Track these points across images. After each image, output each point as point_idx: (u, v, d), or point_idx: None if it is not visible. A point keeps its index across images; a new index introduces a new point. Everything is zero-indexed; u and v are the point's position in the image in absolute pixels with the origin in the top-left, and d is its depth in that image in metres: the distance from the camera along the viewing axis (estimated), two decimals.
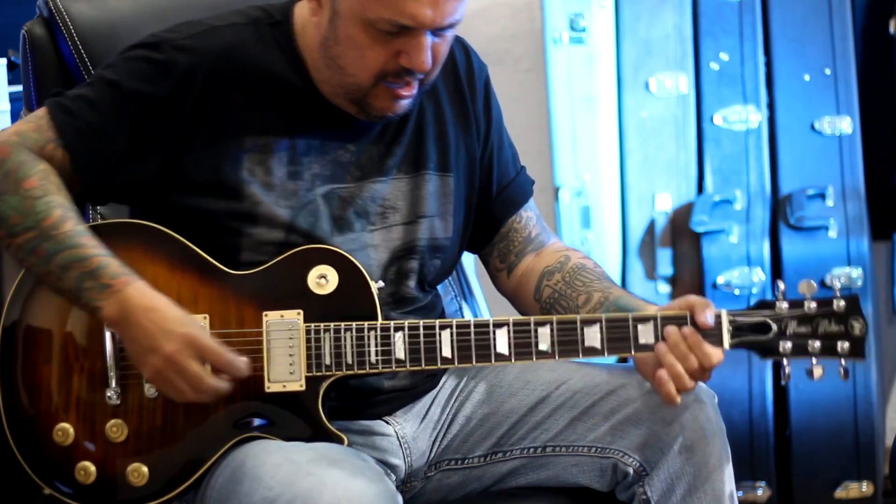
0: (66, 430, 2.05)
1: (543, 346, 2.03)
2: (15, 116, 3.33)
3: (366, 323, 2.03)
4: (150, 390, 2.04)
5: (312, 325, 2.03)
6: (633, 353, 2.04)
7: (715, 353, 2.01)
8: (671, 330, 2.02)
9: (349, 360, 2.03)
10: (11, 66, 3.30)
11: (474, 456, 2.18)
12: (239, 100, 2.08)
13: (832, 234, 3.51)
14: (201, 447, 2.04)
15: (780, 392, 3.52)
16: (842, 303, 2.04)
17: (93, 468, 2.05)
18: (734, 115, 3.62)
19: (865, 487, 3.49)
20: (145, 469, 2.04)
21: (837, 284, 2.05)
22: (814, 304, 2.03)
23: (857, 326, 2.03)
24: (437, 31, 2.01)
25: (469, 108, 2.23)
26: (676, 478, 2.07)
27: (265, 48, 2.11)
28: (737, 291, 3.53)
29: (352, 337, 2.03)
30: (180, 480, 2.04)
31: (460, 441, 2.19)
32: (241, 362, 1.99)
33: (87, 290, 1.99)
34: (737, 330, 2.03)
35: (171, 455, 2.04)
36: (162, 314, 1.97)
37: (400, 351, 2.03)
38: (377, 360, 2.03)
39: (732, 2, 3.62)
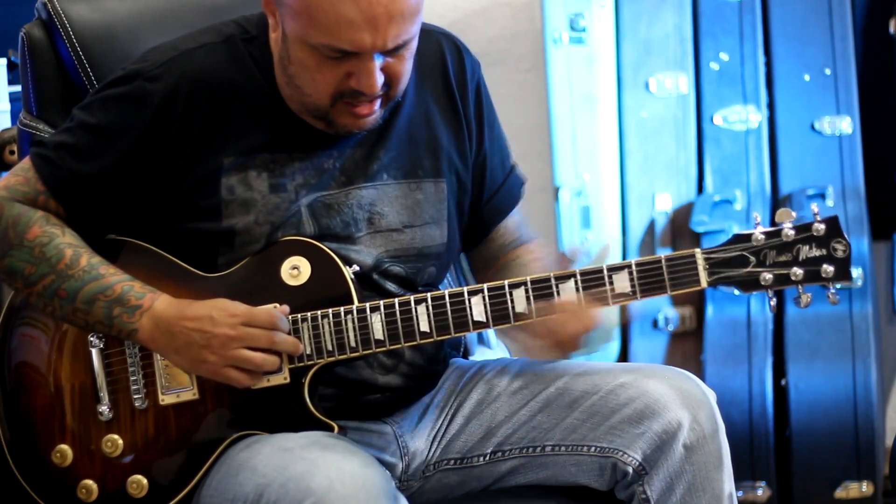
0: (63, 451, 2.07)
1: (520, 307, 2.03)
2: (15, 116, 3.33)
3: (342, 308, 2.03)
4: (140, 402, 2.05)
5: (290, 316, 2.03)
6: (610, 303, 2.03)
7: (594, 316, 2.01)
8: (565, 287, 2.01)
9: (329, 347, 2.03)
10: (11, 66, 3.30)
11: (474, 456, 2.18)
12: (217, 121, 2.07)
13: None
14: (196, 451, 2.04)
15: (780, 392, 3.52)
16: (821, 226, 1.98)
17: (94, 486, 2.06)
18: (734, 115, 3.62)
19: (865, 487, 3.49)
20: (144, 480, 2.05)
21: (816, 209, 2.00)
22: (792, 231, 1.98)
23: (839, 248, 1.98)
24: (387, 52, 1.99)
25: (460, 110, 2.21)
26: (676, 477, 2.07)
27: (239, 66, 2.09)
28: (736, 291, 3.52)
29: (329, 323, 2.03)
30: (180, 487, 2.05)
31: (460, 441, 2.19)
32: (287, 338, 2.01)
33: (117, 318, 2.01)
34: (713, 267, 2.00)
35: (168, 463, 2.05)
36: (198, 320, 2.00)
37: (378, 331, 2.03)
38: (357, 344, 2.03)
39: (732, 2, 3.62)
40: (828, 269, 1.99)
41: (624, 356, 3.68)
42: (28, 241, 2.04)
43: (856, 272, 3.50)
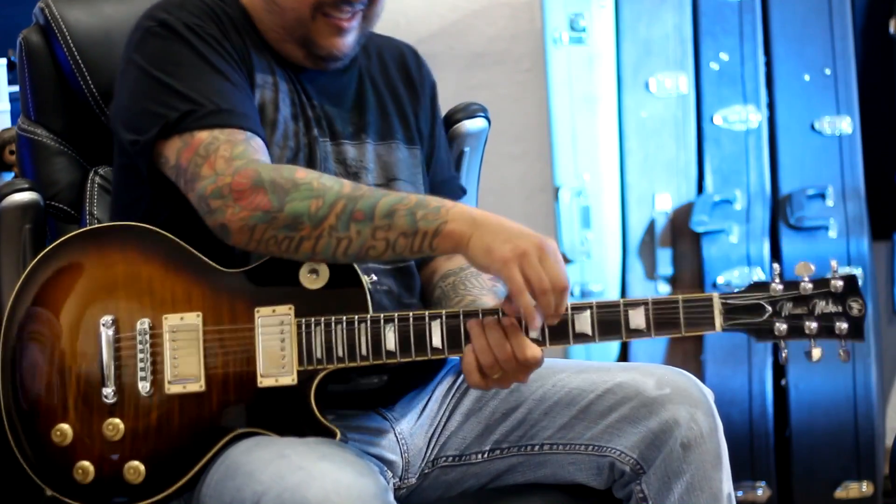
0: (64, 430, 2.06)
1: (533, 333, 2.01)
2: (15, 116, 3.33)
3: (356, 315, 2.03)
4: (145, 389, 2.05)
5: (304, 319, 2.03)
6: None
7: (529, 347, 1.97)
8: (489, 319, 1.99)
9: (340, 353, 2.02)
10: (11, 66, 3.31)
11: (472, 453, 2.19)
12: (237, 41, 2.13)
13: (832, 234, 3.52)
14: (197, 444, 2.04)
15: (780, 392, 3.52)
16: (839, 283, 1.99)
17: (91, 468, 2.05)
18: (734, 115, 3.62)
19: (865, 487, 3.50)
20: (142, 467, 2.04)
21: (835, 266, 2.02)
22: (810, 285, 1.99)
23: (855, 307, 1.99)
24: None
25: (419, 96, 2.31)
26: (674, 476, 2.07)
27: (232, 11, 2.16)
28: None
29: (343, 330, 2.03)
30: (176, 478, 2.04)
31: (457, 438, 2.19)
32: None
33: (421, 220, 1.96)
34: (729, 312, 2.00)
35: (168, 452, 2.05)
36: (506, 224, 1.95)
37: (391, 343, 2.02)
38: (368, 352, 2.02)
39: (732, 2, 3.63)
40: (842, 326, 1.99)
41: (624, 356, 3.68)
42: (302, 180, 1.98)
43: (856, 272, 3.50)
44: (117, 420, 2.05)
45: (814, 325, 1.99)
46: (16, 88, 3.28)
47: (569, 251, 3.66)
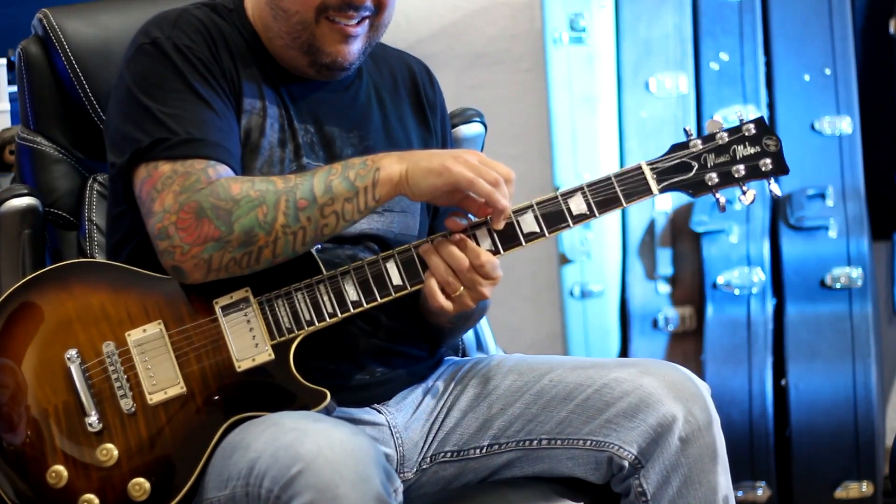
0: (58, 471, 2.04)
1: (485, 244, 2.07)
2: (15, 116, 3.34)
3: (313, 278, 2.06)
4: (128, 406, 2.05)
5: (263, 296, 2.06)
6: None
7: (483, 252, 2.04)
8: (439, 239, 2.06)
9: (307, 317, 2.06)
10: (11, 66, 3.32)
11: (470, 448, 2.20)
12: (230, 64, 2.14)
13: (832, 234, 3.52)
14: (193, 443, 2.05)
15: (780, 392, 3.52)
16: (751, 126, 2.11)
17: (95, 499, 2.04)
18: (734, 115, 3.62)
19: (865, 487, 3.50)
20: (146, 483, 2.04)
21: (740, 113, 2.16)
22: (725, 134, 2.10)
23: (771, 144, 2.11)
24: None
25: (430, 124, 2.31)
26: (672, 470, 2.08)
27: (230, 26, 2.18)
28: (737, 291, 3.53)
29: (304, 295, 2.06)
30: (183, 481, 2.05)
31: (456, 434, 2.20)
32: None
33: (356, 178, 2.02)
34: (660, 175, 2.09)
35: (167, 461, 2.05)
36: (440, 152, 2.04)
37: (352, 293, 2.06)
38: (334, 308, 2.06)
39: (732, 2, 3.62)
40: (766, 162, 2.10)
41: (624, 355, 3.68)
42: (238, 195, 2.01)
43: (856, 272, 3.50)
44: (109, 445, 2.05)
45: (741, 168, 2.10)
46: (16, 88, 3.29)
47: (569, 251, 3.66)
